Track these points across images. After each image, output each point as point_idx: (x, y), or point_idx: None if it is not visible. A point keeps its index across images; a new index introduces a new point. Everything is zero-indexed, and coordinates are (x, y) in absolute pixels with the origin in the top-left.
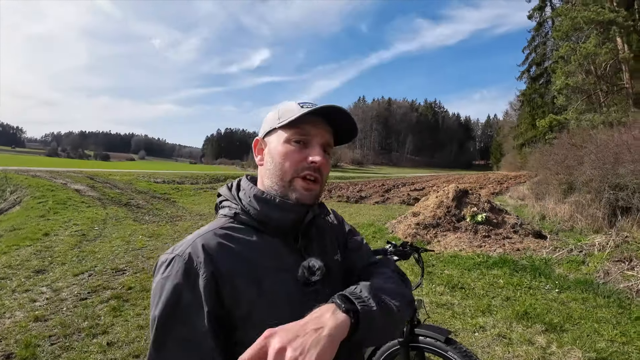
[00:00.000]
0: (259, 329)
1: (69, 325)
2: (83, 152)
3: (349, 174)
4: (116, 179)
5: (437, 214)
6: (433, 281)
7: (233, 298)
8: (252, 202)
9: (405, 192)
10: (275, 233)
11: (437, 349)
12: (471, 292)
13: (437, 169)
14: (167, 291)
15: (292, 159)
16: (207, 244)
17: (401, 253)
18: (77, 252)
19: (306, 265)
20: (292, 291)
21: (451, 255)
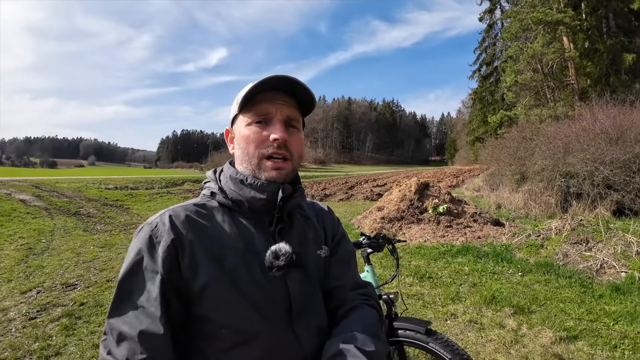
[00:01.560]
0: (212, 303)
1: (18, 347)
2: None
3: (312, 173)
4: (64, 187)
5: (400, 208)
6: (402, 272)
7: (191, 269)
8: (228, 183)
9: (368, 189)
10: (250, 214)
11: (417, 342)
12: (439, 281)
13: (397, 165)
14: (131, 254)
15: (255, 141)
16: (174, 215)
17: (375, 245)
18: (23, 268)
19: (273, 249)
20: (256, 274)
21: (417, 246)
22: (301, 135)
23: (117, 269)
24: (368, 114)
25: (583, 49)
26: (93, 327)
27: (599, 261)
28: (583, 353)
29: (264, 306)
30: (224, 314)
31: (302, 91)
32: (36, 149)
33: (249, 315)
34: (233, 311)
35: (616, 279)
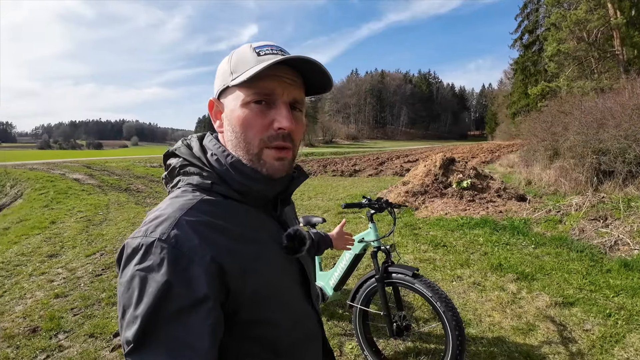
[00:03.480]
0: (267, 304)
1: (88, 297)
2: (75, 142)
3: (344, 149)
4: (113, 166)
5: (425, 182)
6: (418, 241)
7: (240, 280)
8: (229, 172)
9: (399, 164)
10: (256, 203)
11: (406, 282)
12: (452, 249)
13: (432, 140)
14: (152, 286)
15: (255, 126)
16: (196, 223)
17: (376, 207)
18: (85, 236)
19: (292, 234)
20: (282, 261)
21: (437, 218)
22: (304, 119)
23: None
24: (403, 86)
25: (629, 16)
26: None
27: (613, 238)
28: (575, 318)
29: (293, 289)
30: (274, 309)
31: (318, 73)
32: (81, 132)
33: (290, 301)
34: (281, 303)
35: (628, 256)
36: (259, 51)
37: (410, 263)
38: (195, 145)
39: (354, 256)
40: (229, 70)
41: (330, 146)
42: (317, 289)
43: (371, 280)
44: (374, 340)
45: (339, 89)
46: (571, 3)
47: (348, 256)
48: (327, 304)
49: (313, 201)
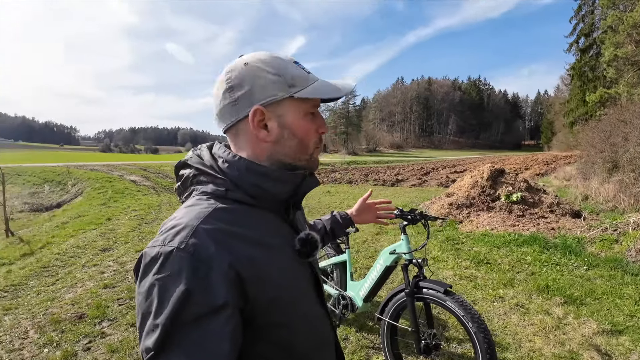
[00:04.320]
0: (283, 308)
1: (134, 290)
2: (134, 146)
3: (387, 158)
4: (167, 170)
5: (471, 194)
6: (460, 256)
7: (258, 285)
8: (244, 175)
9: (445, 175)
10: (270, 207)
11: (437, 299)
12: (496, 267)
13: (483, 150)
14: (173, 295)
15: (313, 134)
16: (213, 230)
17: (410, 218)
18: (137, 233)
19: (304, 238)
20: (295, 264)
21: (482, 233)
22: None
23: None
24: (451, 94)
25: None
26: None
27: None
28: (622, 347)
29: (307, 292)
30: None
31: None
32: (140, 137)
33: (305, 305)
34: (297, 307)
35: None
36: (302, 68)
37: (449, 280)
38: (206, 154)
39: (385, 268)
40: (284, 82)
41: (373, 155)
42: (347, 298)
43: (401, 294)
44: (402, 356)
45: (383, 97)
46: (627, 5)
47: (379, 267)
48: (357, 314)
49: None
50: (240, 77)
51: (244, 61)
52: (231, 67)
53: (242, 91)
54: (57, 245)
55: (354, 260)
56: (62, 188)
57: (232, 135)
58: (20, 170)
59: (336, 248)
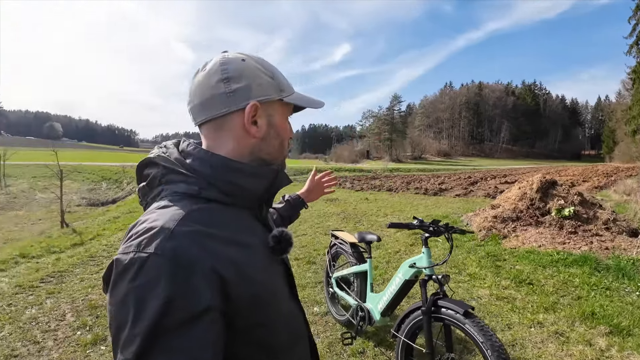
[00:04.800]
0: (263, 307)
1: None
2: None
3: (432, 166)
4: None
5: (518, 207)
6: (499, 274)
7: (239, 286)
8: (218, 172)
9: (493, 185)
10: (244, 205)
11: (455, 321)
12: (539, 289)
13: (538, 160)
14: (152, 303)
15: (288, 137)
16: (191, 233)
17: (432, 230)
18: None
19: (278, 235)
20: (270, 262)
21: (527, 250)
22: None
23: None
24: (503, 99)
25: None
26: None
27: None
28: None
29: (283, 289)
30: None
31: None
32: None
33: (281, 302)
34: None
35: None
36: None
37: (485, 299)
38: (174, 152)
39: (404, 282)
40: (276, 86)
41: (418, 162)
42: (365, 310)
43: (418, 312)
44: None
45: (430, 103)
46: None
47: (398, 280)
48: (377, 328)
49: (389, 219)
50: (239, 70)
51: (240, 57)
52: (226, 60)
53: (240, 84)
54: (106, 237)
55: (383, 271)
56: (117, 186)
57: (211, 129)
58: (81, 169)
59: (358, 257)
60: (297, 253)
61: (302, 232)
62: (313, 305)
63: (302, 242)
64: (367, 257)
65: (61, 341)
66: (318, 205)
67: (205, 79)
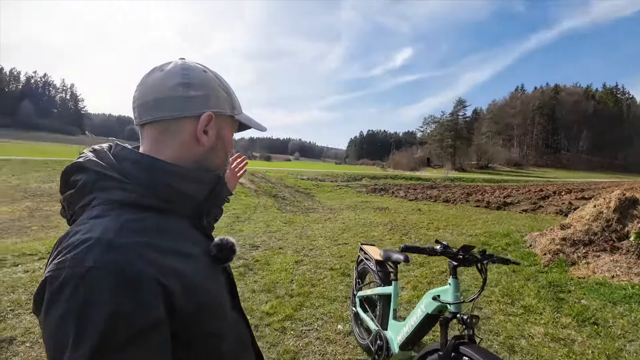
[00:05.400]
0: (209, 317)
1: None
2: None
3: (500, 177)
4: (271, 175)
5: (591, 228)
6: (560, 309)
7: (184, 298)
8: (158, 177)
9: (567, 201)
10: (184, 212)
11: None
12: (605, 331)
13: (622, 173)
14: (95, 321)
15: (231, 150)
16: (130, 244)
17: (460, 258)
18: (228, 229)
19: (220, 243)
20: (213, 271)
21: (597, 282)
22: None
23: (291, 240)
24: (582, 103)
25: None
26: (256, 277)
27: None
28: None
29: (226, 297)
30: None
31: None
32: (257, 146)
33: (226, 310)
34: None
35: None
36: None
37: (538, 339)
38: (107, 156)
39: (426, 315)
40: (230, 102)
41: (484, 172)
42: (384, 339)
43: (434, 356)
44: None
45: (499, 108)
46: None
47: (419, 312)
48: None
49: (441, 233)
50: (200, 79)
51: (201, 68)
52: (187, 66)
53: (199, 93)
54: None
55: (421, 293)
56: None
57: (157, 131)
58: None
59: (383, 277)
60: (333, 263)
61: (343, 241)
62: (338, 321)
63: (341, 252)
64: (392, 279)
65: None
66: (365, 213)
67: (163, 79)
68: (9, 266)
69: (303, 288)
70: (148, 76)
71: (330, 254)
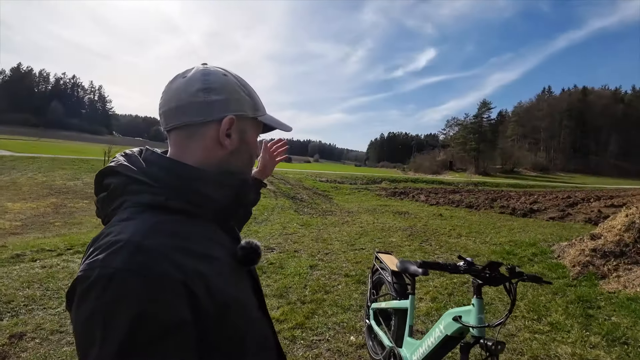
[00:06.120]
0: (233, 319)
1: None
2: None
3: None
4: (290, 177)
5: (623, 239)
6: (589, 328)
7: (209, 300)
8: (185, 182)
9: (597, 209)
10: (210, 215)
11: None
12: (634, 352)
13: None
14: (122, 320)
15: (256, 153)
16: (158, 246)
17: (487, 277)
18: (245, 230)
19: (247, 246)
20: (239, 273)
21: (629, 297)
22: None
23: (307, 243)
24: (612, 106)
25: None
26: (269, 281)
27: None
28: None
29: (251, 300)
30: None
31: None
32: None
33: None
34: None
35: None
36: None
37: (564, 359)
38: (137, 160)
39: (445, 337)
40: (253, 104)
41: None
42: (398, 358)
43: None
44: None
45: (526, 110)
46: None
47: (438, 333)
48: None
49: (462, 240)
50: (220, 84)
51: (222, 72)
52: (207, 71)
53: (220, 97)
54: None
55: (441, 305)
56: None
57: (182, 136)
58: None
59: (400, 290)
60: (348, 269)
61: (360, 246)
62: (350, 333)
63: (357, 257)
64: (409, 292)
65: None
66: (384, 217)
67: (185, 85)
68: (27, 261)
69: (316, 294)
70: (171, 83)
71: (346, 259)
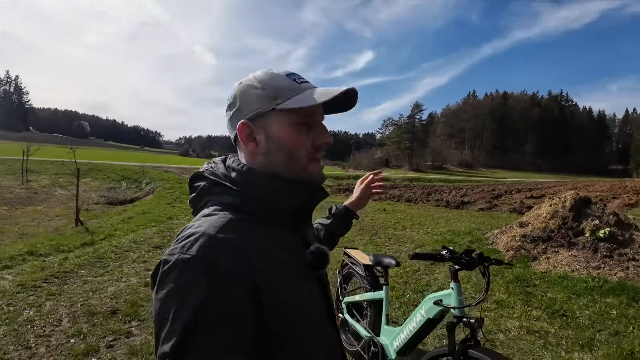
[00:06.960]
0: (296, 321)
1: None
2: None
3: (454, 177)
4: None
5: (549, 226)
6: (530, 303)
7: (272, 297)
8: (259, 188)
9: (519, 200)
10: (279, 220)
11: None
12: (574, 322)
13: (564, 174)
14: (191, 302)
15: (305, 145)
16: (229, 240)
17: (465, 262)
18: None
19: (315, 251)
20: (306, 277)
21: (560, 275)
22: None
23: None
24: (529, 110)
25: None
26: None
27: None
28: None
29: (317, 304)
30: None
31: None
32: (216, 145)
33: (315, 317)
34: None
35: None
36: (294, 79)
37: (515, 332)
38: (220, 166)
39: (427, 320)
40: (269, 96)
41: (439, 172)
42: (378, 346)
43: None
44: None
45: (453, 112)
46: None
47: (419, 318)
48: None
49: (407, 232)
50: (234, 95)
51: (237, 82)
52: (231, 88)
53: (235, 108)
54: (117, 238)
55: (400, 293)
56: (137, 185)
57: (238, 149)
58: (103, 167)
59: (373, 282)
60: None
61: None
62: None
63: None
64: (383, 283)
65: (53, 349)
66: None
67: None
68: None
69: None
70: None
71: None
